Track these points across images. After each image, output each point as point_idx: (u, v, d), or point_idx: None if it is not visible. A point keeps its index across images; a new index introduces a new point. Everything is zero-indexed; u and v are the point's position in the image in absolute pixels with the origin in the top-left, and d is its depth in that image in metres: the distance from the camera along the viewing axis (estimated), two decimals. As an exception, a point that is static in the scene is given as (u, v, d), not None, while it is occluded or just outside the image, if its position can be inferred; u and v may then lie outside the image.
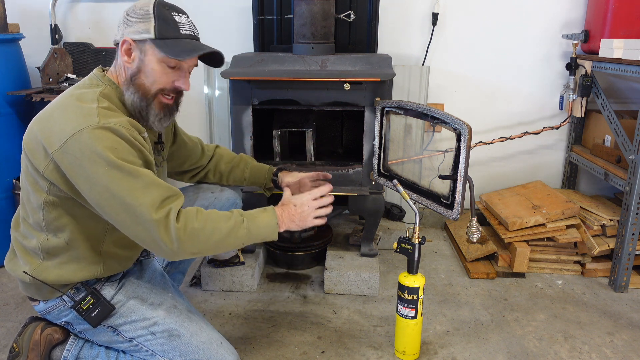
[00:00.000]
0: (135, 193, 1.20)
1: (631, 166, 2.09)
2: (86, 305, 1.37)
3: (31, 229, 1.36)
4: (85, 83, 1.36)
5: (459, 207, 1.71)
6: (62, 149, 1.20)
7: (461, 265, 2.45)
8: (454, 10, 2.64)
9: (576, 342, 1.86)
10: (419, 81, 2.60)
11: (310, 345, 1.81)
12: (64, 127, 1.21)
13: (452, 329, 1.93)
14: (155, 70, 1.33)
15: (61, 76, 2.43)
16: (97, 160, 1.18)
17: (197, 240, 1.26)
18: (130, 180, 1.20)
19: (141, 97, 1.34)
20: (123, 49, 1.32)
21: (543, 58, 2.68)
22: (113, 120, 1.23)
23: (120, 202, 1.20)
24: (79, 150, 1.18)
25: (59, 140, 1.20)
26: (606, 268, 2.33)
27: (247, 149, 2.14)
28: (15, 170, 2.38)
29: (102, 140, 1.19)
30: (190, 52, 1.33)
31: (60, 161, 1.21)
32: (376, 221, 2.23)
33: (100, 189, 1.20)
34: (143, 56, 1.32)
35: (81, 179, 1.20)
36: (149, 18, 1.30)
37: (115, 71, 1.37)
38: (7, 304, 2.05)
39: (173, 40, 1.32)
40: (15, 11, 2.69)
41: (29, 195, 1.33)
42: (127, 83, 1.34)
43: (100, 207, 1.23)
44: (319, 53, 2.12)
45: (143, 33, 1.30)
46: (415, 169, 2.21)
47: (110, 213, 1.22)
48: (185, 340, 1.39)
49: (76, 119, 1.21)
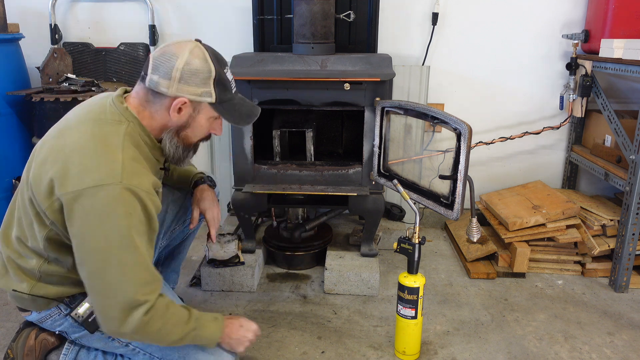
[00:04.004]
0: (124, 268, 1.17)
1: (631, 166, 2.09)
2: (83, 311, 1.34)
3: (28, 250, 1.31)
4: (107, 115, 1.28)
5: (459, 207, 1.71)
6: (74, 196, 1.15)
7: (461, 265, 2.45)
8: (454, 10, 2.64)
9: (576, 342, 1.86)
10: (419, 81, 2.60)
11: (310, 345, 1.81)
12: (83, 176, 1.16)
13: (452, 329, 1.93)
14: (203, 126, 1.36)
15: (61, 76, 2.43)
16: (105, 221, 1.15)
17: (147, 336, 1.25)
18: (128, 254, 1.17)
19: (184, 147, 1.37)
20: (176, 107, 1.28)
21: (543, 58, 2.68)
22: (136, 183, 1.19)
23: (103, 269, 1.17)
24: (90, 205, 1.15)
25: (73, 186, 1.16)
26: (606, 268, 2.33)
27: (247, 149, 2.14)
28: (15, 170, 2.38)
29: (118, 204, 1.15)
30: (247, 119, 1.41)
31: (67, 205, 1.17)
32: (376, 221, 2.22)
33: (92, 248, 1.16)
34: (196, 114, 1.32)
35: (78, 230, 1.17)
36: (208, 81, 1.29)
37: (147, 112, 1.31)
38: (7, 303, 2.05)
39: (228, 103, 1.35)
40: (15, 11, 2.69)
41: (32, 223, 1.28)
42: (170, 134, 1.34)
43: (83, 263, 1.19)
44: (319, 53, 2.11)
45: (203, 96, 1.29)
46: (415, 169, 2.21)
47: (89, 273, 1.19)
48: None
49: (98, 171, 1.16)
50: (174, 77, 1.25)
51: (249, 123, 1.42)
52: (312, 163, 2.21)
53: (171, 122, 1.32)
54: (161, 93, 1.28)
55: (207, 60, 1.29)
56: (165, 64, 1.26)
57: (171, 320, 1.26)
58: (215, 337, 1.37)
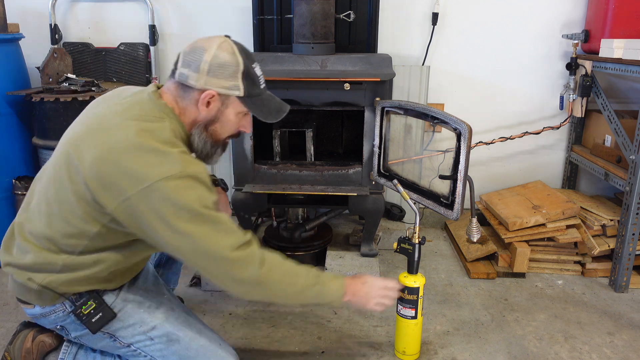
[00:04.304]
0: (217, 239, 1.21)
1: (631, 166, 2.09)
2: (87, 309, 1.34)
3: (56, 248, 1.29)
4: (147, 112, 1.28)
5: (459, 207, 1.71)
6: (143, 193, 1.17)
7: (461, 265, 2.45)
8: (454, 10, 2.64)
9: (576, 342, 1.86)
10: (419, 81, 2.60)
11: (310, 345, 1.81)
12: (147, 171, 1.17)
13: (452, 329, 1.93)
14: (232, 121, 1.37)
15: (61, 76, 2.43)
16: (181, 210, 1.17)
17: (271, 287, 1.29)
18: (212, 227, 1.21)
19: (213, 144, 1.38)
20: (204, 100, 1.30)
21: (543, 58, 2.68)
22: (195, 169, 1.22)
23: (202, 249, 1.21)
24: (161, 198, 1.17)
25: (140, 184, 1.17)
26: (606, 268, 2.33)
27: (247, 149, 2.14)
28: (15, 170, 2.38)
29: (187, 190, 1.19)
30: (276, 115, 1.42)
31: (138, 204, 1.18)
32: (376, 221, 2.23)
33: (181, 236, 1.19)
34: (224, 108, 1.33)
35: (160, 225, 1.18)
36: (237, 74, 1.30)
37: (179, 107, 1.33)
38: (7, 304, 2.05)
39: (257, 98, 1.36)
40: (15, 11, 2.69)
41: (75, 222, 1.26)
42: (199, 128, 1.34)
43: (180, 252, 1.23)
44: (319, 53, 2.11)
45: (232, 90, 1.30)
46: (415, 169, 2.22)
47: (191, 258, 1.23)
48: (185, 345, 1.38)
49: (160, 165, 1.18)
50: (203, 69, 1.27)
51: (277, 119, 1.43)
52: (312, 163, 2.21)
53: (200, 116, 1.33)
54: (190, 86, 1.29)
55: (236, 54, 1.30)
56: (194, 57, 1.28)
57: (288, 270, 1.32)
58: (339, 294, 1.40)
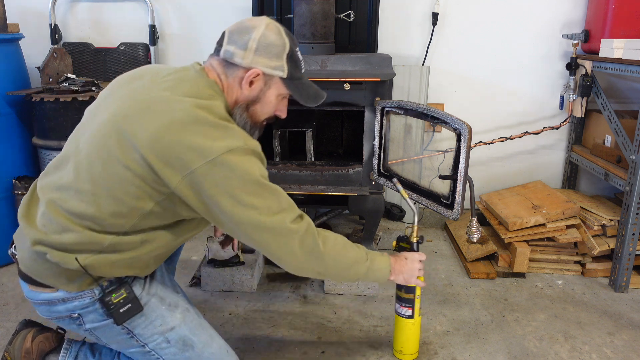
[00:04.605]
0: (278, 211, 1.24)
1: (631, 166, 2.09)
2: (117, 298, 1.29)
3: (100, 227, 1.24)
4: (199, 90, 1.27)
5: (459, 207, 1.71)
6: (208, 167, 1.16)
7: (461, 265, 2.45)
8: (454, 10, 2.64)
9: (576, 342, 1.86)
10: (419, 81, 2.60)
11: (310, 345, 1.81)
12: (211, 145, 1.17)
13: (452, 329, 1.93)
14: (272, 103, 1.37)
15: (61, 76, 2.43)
16: (246, 183, 1.19)
17: (327, 261, 1.31)
18: (274, 199, 1.24)
19: (252, 125, 1.38)
20: (249, 78, 1.29)
21: (543, 58, 2.68)
22: (254, 143, 1.25)
23: (264, 222, 1.22)
24: (226, 171, 1.17)
25: (205, 157, 1.16)
26: (606, 268, 2.33)
27: (247, 149, 2.13)
28: (15, 170, 2.38)
29: (251, 161, 1.21)
30: (315, 100, 1.43)
31: (203, 178, 1.17)
32: (376, 221, 2.22)
33: (245, 209, 1.20)
34: (266, 89, 1.33)
35: (225, 198, 1.18)
36: (282, 55, 1.31)
37: (224, 85, 1.32)
38: (7, 303, 2.05)
39: (299, 81, 1.37)
40: (15, 11, 2.69)
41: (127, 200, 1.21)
42: (240, 107, 1.34)
43: (241, 226, 1.22)
44: (319, 53, 2.11)
45: (276, 70, 1.31)
46: (415, 169, 2.21)
47: (251, 232, 1.24)
48: (198, 352, 1.37)
49: (223, 138, 1.19)
50: (250, 47, 1.28)
51: (317, 103, 1.43)
52: (312, 163, 2.21)
53: (242, 95, 1.33)
54: (235, 64, 1.29)
55: (282, 35, 1.31)
56: (241, 35, 1.29)
57: (342, 244, 1.35)
58: (386, 271, 1.45)
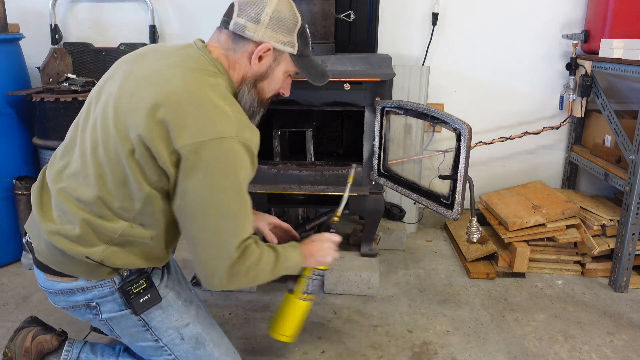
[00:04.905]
0: (238, 221, 1.20)
1: (631, 166, 2.09)
2: (137, 288, 1.29)
3: (112, 213, 1.22)
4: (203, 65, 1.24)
5: (459, 207, 1.71)
6: (195, 148, 1.12)
7: (461, 265, 2.45)
8: (454, 10, 2.64)
9: (576, 342, 1.86)
10: (419, 81, 2.60)
11: (310, 345, 1.81)
12: (204, 126, 1.13)
13: (452, 329, 1.93)
14: (279, 79, 1.35)
15: (61, 76, 2.43)
16: (226, 175, 1.15)
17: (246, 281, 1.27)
18: (240, 207, 1.20)
19: (259, 101, 1.35)
20: (259, 53, 1.26)
21: (543, 58, 2.68)
22: (248, 136, 1.19)
23: (220, 223, 1.18)
24: (213, 158, 1.13)
25: (193, 137, 1.12)
26: (606, 268, 2.33)
27: (247, 149, 2.14)
28: (15, 170, 2.38)
29: (238, 158, 1.16)
30: (322, 78, 1.41)
31: (187, 156, 1.13)
32: (376, 221, 2.22)
33: (208, 200, 1.15)
34: (275, 65, 1.31)
35: (195, 183, 1.14)
36: (294, 31, 1.28)
37: (229, 61, 1.29)
38: (7, 303, 2.05)
39: (307, 59, 1.35)
40: (15, 11, 2.69)
41: (125, 181, 1.19)
42: (248, 84, 1.31)
43: (193, 216, 1.18)
44: (319, 53, 2.11)
45: (286, 46, 1.29)
46: (415, 169, 2.22)
47: (199, 227, 1.18)
48: (209, 352, 1.38)
49: (217, 123, 1.15)
50: (263, 21, 1.24)
51: (323, 82, 1.41)
52: (312, 163, 2.21)
53: (250, 71, 1.30)
54: (246, 37, 1.26)
55: (295, 10, 1.29)
56: (254, 8, 1.25)
57: (264, 264, 1.29)
58: (299, 263, 1.43)
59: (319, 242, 1.52)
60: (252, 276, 1.27)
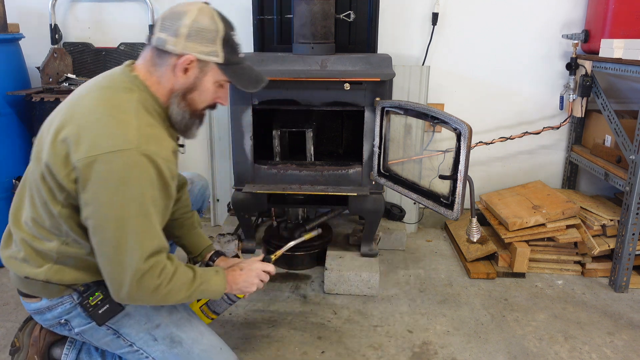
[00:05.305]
0: (139, 236, 1.17)
1: (631, 166, 2.09)
2: (94, 301, 1.31)
3: (46, 232, 1.27)
4: (117, 83, 1.27)
5: (459, 207, 1.71)
6: (90, 162, 1.13)
7: (461, 265, 2.45)
8: (454, 10, 2.64)
9: (576, 342, 1.86)
10: (419, 81, 2.60)
11: (310, 345, 1.81)
12: (99, 140, 1.14)
13: (452, 329, 1.93)
14: (210, 90, 1.33)
15: (61, 76, 2.43)
16: (121, 188, 1.14)
17: (156, 298, 1.24)
18: (141, 220, 1.17)
19: (191, 113, 1.34)
20: (182, 65, 1.27)
21: (543, 58, 2.68)
22: (153, 148, 1.18)
23: (118, 237, 1.16)
24: (107, 171, 1.13)
25: (89, 151, 1.13)
26: (606, 268, 2.33)
27: (247, 149, 2.14)
28: (15, 170, 2.38)
29: (137, 169, 1.15)
30: (255, 85, 1.39)
31: (82, 171, 1.14)
32: (376, 221, 2.23)
33: (106, 215, 1.15)
34: (202, 75, 1.30)
35: (93, 197, 1.15)
36: (216, 40, 1.28)
37: (154, 77, 1.29)
38: (7, 303, 2.05)
39: (236, 66, 1.34)
40: (15, 11, 2.69)
41: (45, 202, 1.23)
42: (177, 97, 1.31)
43: (94, 231, 1.18)
44: (319, 53, 2.11)
45: (210, 55, 1.28)
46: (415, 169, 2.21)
47: (101, 241, 1.18)
48: (187, 349, 1.37)
49: (115, 136, 1.15)
50: (182, 33, 1.25)
51: (257, 89, 1.39)
52: (312, 163, 2.21)
53: (177, 84, 1.29)
54: (168, 52, 1.26)
55: (215, 20, 1.29)
56: (173, 21, 1.26)
57: (178, 283, 1.26)
58: (220, 289, 1.39)
59: (246, 271, 1.49)
60: (164, 294, 1.24)
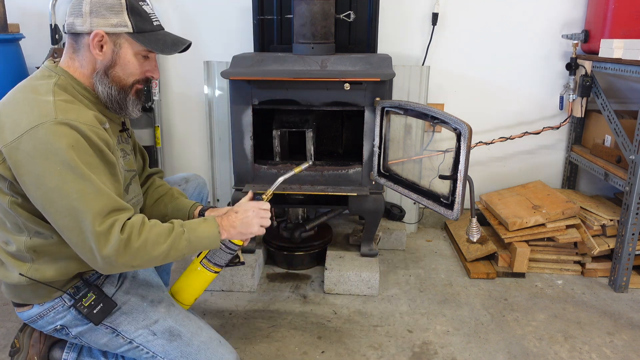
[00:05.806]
0: (84, 197, 1.15)
1: (631, 166, 2.09)
2: (88, 302, 1.32)
3: (9, 233, 1.29)
4: (37, 75, 1.30)
5: (459, 207, 1.71)
6: (14, 144, 1.15)
7: (461, 265, 2.45)
8: (454, 10, 2.64)
9: (576, 342, 1.86)
10: (419, 81, 2.60)
11: (310, 345, 1.81)
12: (18, 121, 1.16)
13: (452, 329, 1.93)
14: (131, 63, 1.32)
15: (61, 76, 2.43)
16: (51, 158, 1.13)
17: (136, 254, 1.21)
18: (81, 183, 1.15)
19: (119, 89, 1.33)
20: (95, 42, 1.27)
21: (543, 58, 2.68)
22: (72, 116, 1.18)
23: (66, 205, 1.15)
24: (32, 147, 1.13)
25: (11, 135, 1.15)
26: (606, 268, 2.33)
27: (247, 149, 2.14)
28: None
29: (59, 137, 1.14)
30: (173, 47, 1.35)
31: (10, 156, 1.15)
32: (376, 221, 2.23)
33: (47, 188, 1.14)
34: (118, 49, 1.30)
35: (29, 177, 1.15)
36: (121, 11, 1.27)
37: (76, 62, 1.31)
38: (7, 303, 2.05)
39: (150, 33, 1.32)
40: (15, 11, 2.69)
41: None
42: (100, 76, 1.31)
43: (44, 208, 1.17)
44: (319, 53, 2.11)
45: (119, 27, 1.27)
46: (415, 169, 2.21)
47: (54, 215, 1.17)
48: (186, 341, 1.37)
49: (32, 113, 1.17)
50: (85, 11, 1.26)
51: (175, 51, 1.37)
52: (312, 163, 2.21)
53: (98, 62, 1.30)
54: (79, 33, 1.28)
55: None
56: (76, 3, 1.28)
57: (153, 234, 1.24)
58: (212, 233, 1.34)
59: (242, 212, 1.43)
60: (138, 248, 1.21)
